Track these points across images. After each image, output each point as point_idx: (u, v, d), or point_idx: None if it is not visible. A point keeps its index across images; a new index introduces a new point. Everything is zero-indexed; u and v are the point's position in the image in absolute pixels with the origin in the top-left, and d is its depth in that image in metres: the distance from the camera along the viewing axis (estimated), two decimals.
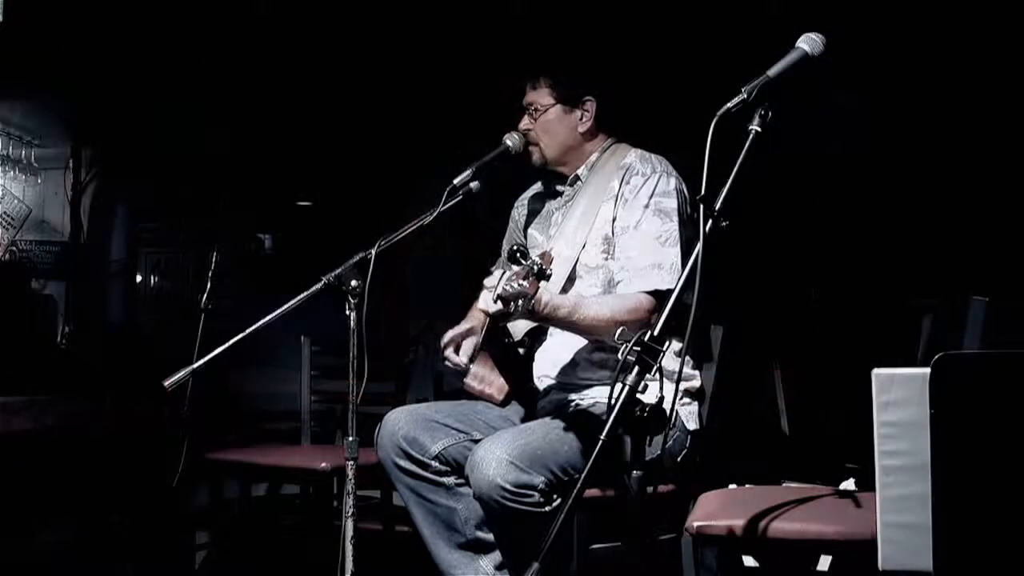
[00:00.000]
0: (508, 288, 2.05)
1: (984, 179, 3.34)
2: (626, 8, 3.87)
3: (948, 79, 3.39)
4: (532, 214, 2.91)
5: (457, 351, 2.65)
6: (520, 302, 2.07)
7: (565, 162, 2.77)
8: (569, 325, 2.43)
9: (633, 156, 2.70)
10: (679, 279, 1.89)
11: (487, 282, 2.13)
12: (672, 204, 2.58)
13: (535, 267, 2.10)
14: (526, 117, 2.75)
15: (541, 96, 2.73)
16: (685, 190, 2.64)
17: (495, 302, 2.07)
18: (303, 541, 3.68)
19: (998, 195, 3.30)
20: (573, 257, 2.64)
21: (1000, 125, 3.32)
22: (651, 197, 2.58)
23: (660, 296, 2.48)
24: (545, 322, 2.47)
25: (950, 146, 3.39)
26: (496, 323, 2.36)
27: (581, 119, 2.74)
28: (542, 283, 2.15)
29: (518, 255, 2.13)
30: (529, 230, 2.89)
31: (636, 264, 2.53)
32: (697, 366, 2.70)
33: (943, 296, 2.50)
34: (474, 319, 2.71)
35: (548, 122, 2.73)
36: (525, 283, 2.07)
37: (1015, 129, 3.28)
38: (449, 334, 2.67)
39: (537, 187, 2.96)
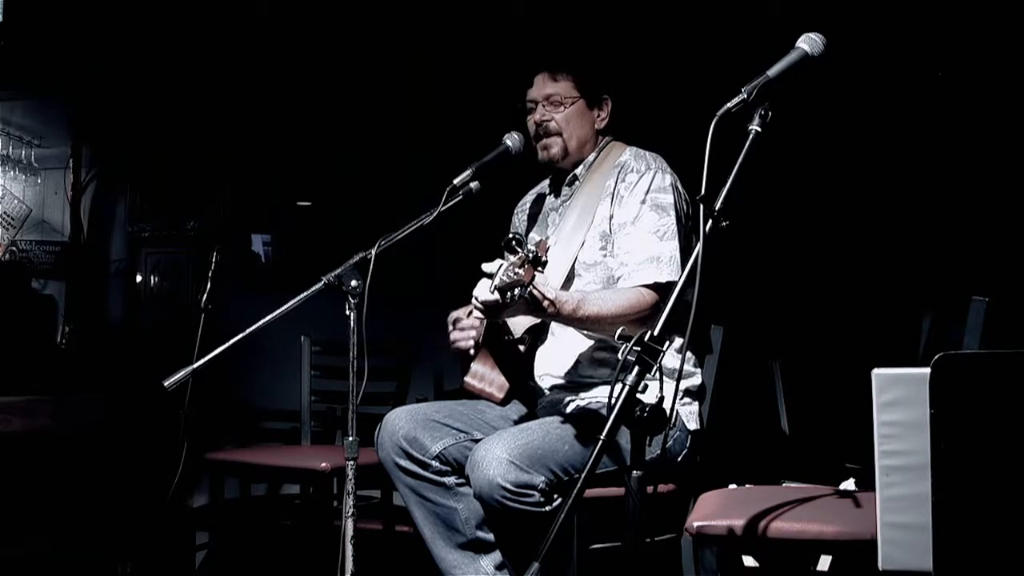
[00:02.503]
0: (504, 278, 2.04)
1: (984, 179, 3.34)
2: (626, 8, 3.88)
3: (950, 79, 3.39)
4: (532, 218, 2.92)
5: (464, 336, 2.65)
6: (517, 291, 2.07)
7: (578, 158, 2.76)
8: (574, 322, 2.43)
9: (628, 154, 2.71)
10: (680, 276, 1.89)
11: (485, 267, 2.12)
12: (668, 199, 2.58)
13: (530, 255, 2.09)
14: (542, 108, 2.71)
15: (565, 88, 2.70)
16: (680, 186, 2.64)
17: (492, 292, 2.06)
18: (303, 541, 3.67)
19: (998, 195, 3.30)
20: (572, 256, 2.64)
21: (1000, 125, 3.32)
22: (647, 193, 2.58)
23: (660, 289, 2.49)
24: (550, 319, 2.46)
25: (950, 146, 3.39)
26: (493, 318, 2.35)
27: (599, 116, 2.75)
28: (538, 271, 2.14)
29: (514, 243, 2.12)
30: (530, 234, 2.90)
31: (635, 258, 2.53)
32: (698, 363, 2.70)
33: (943, 296, 2.50)
34: None
35: (572, 115, 2.71)
36: (521, 271, 2.06)
37: (1015, 129, 3.28)
38: (455, 312, 2.67)
39: (535, 192, 2.97)
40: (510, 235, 2.14)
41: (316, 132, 4.71)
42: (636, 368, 1.80)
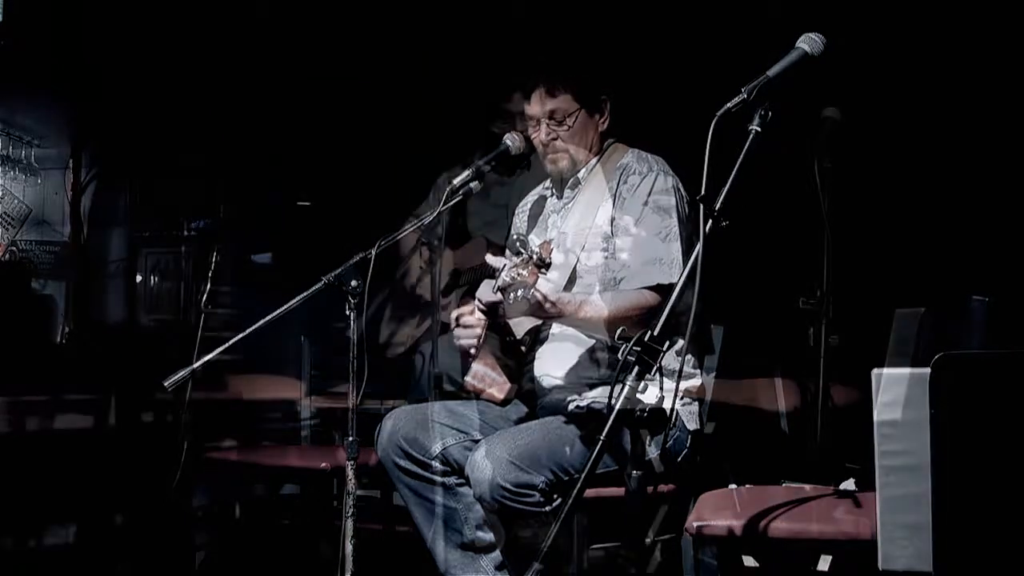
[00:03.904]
0: (507, 278, 2.05)
1: (983, 179, 3.33)
2: (626, 8, 3.87)
3: (950, 78, 3.39)
4: (532, 219, 2.91)
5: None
6: (520, 291, 2.07)
7: (584, 164, 2.74)
8: (576, 323, 2.43)
9: (630, 156, 2.70)
10: (681, 276, 1.89)
11: (489, 259, 2.13)
12: (671, 201, 2.58)
13: (534, 256, 2.10)
14: (546, 127, 2.67)
15: (566, 103, 2.66)
16: (682, 188, 2.64)
17: (495, 293, 2.07)
18: (303, 541, 3.67)
19: (997, 195, 3.30)
20: (574, 258, 2.63)
21: (1000, 125, 3.32)
22: (649, 195, 2.58)
23: (663, 291, 2.48)
24: (552, 320, 2.46)
25: (950, 146, 3.39)
26: (495, 319, 2.35)
27: (600, 121, 2.74)
28: (541, 273, 2.14)
29: (517, 245, 2.13)
30: (530, 236, 2.89)
31: (638, 260, 2.53)
32: (698, 364, 2.70)
33: (943, 296, 2.50)
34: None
35: (577, 130, 2.68)
36: (524, 272, 2.07)
37: (1015, 129, 3.28)
38: (457, 310, 2.67)
39: (536, 193, 2.96)
40: (514, 236, 2.15)
41: (316, 132, 4.70)
42: (636, 368, 1.80)
